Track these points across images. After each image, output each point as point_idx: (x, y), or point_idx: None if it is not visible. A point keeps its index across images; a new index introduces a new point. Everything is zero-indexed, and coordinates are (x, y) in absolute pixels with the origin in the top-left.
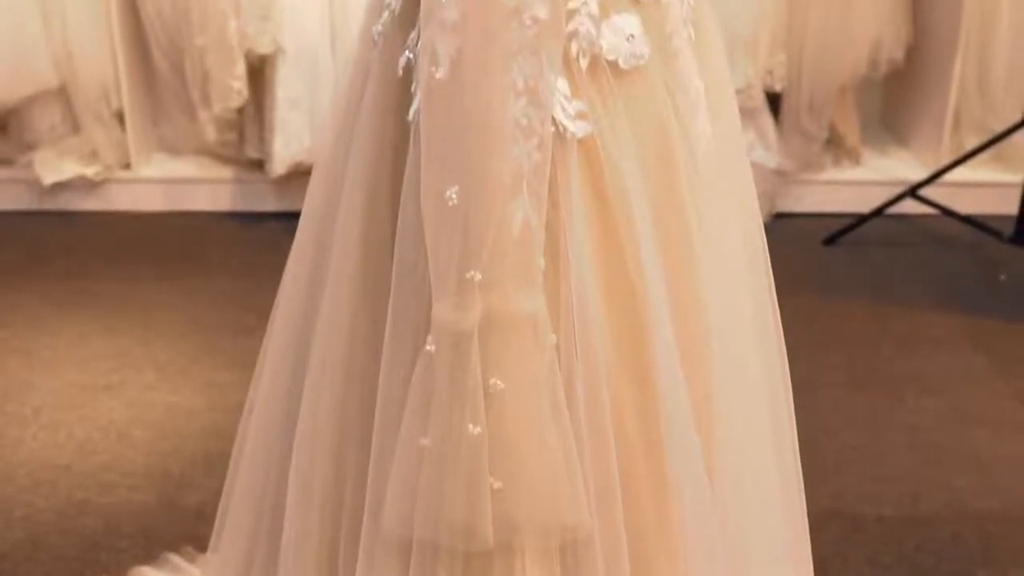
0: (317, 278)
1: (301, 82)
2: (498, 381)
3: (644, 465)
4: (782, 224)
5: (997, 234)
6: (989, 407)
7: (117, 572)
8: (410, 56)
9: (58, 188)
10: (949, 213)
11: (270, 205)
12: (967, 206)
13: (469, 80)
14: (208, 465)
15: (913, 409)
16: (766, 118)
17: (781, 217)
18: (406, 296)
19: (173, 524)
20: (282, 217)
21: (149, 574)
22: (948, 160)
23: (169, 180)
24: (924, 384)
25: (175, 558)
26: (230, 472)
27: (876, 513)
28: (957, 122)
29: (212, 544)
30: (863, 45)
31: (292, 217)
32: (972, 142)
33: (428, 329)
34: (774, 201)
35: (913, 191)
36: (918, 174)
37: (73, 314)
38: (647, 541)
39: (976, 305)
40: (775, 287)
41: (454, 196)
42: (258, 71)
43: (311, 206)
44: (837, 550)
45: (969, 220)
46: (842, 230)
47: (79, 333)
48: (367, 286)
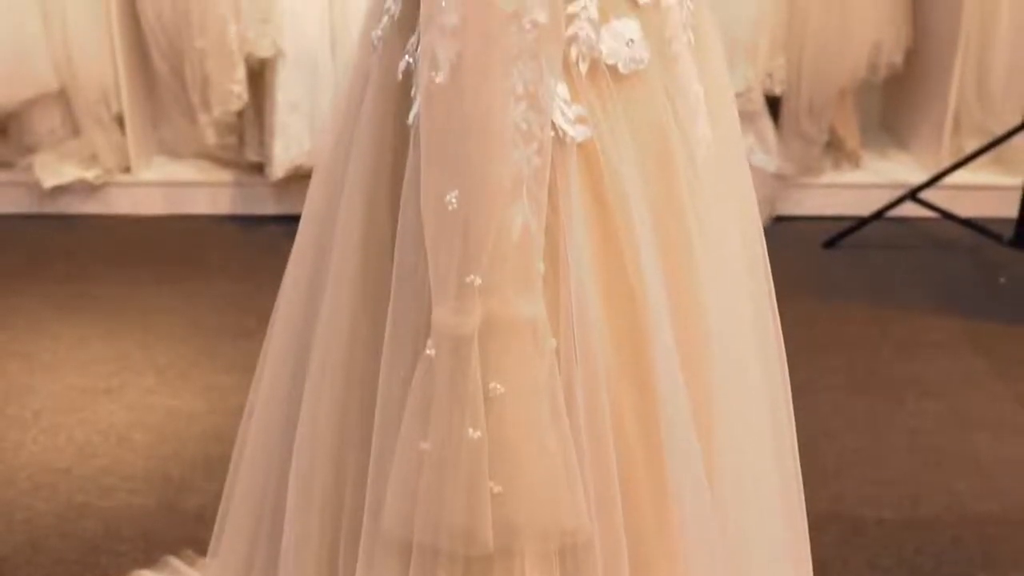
0: (317, 281)
1: (301, 86)
2: (498, 385)
3: (644, 469)
4: (782, 227)
5: (997, 237)
6: (989, 410)
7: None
8: (410, 61)
9: (58, 191)
10: (949, 216)
11: (270, 208)
12: (967, 209)
13: (469, 84)
14: (208, 468)
15: (913, 412)
16: (766, 121)
17: (781, 220)
18: (406, 299)
19: (173, 527)
20: (282, 220)
21: None
22: (948, 163)
23: (169, 183)
24: (924, 387)
25: (175, 561)
26: (230, 475)
27: (876, 516)
28: (957, 125)
29: (212, 547)
30: (863, 48)
31: (292, 220)
32: (972, 145)
33: (428, 333)
34: (774, 204)
35: (913, 194)
36: (918, 177)
37: (73, 317)
38: (647, 545)
39: (976, 308)
40: (775, 290)
41: (454, 200)
42: (258, 75)
43: (311, 209)
44: (837, 553)
45: (969, 223)
46: (842, 233)
47: (79, 336)
48: (367, 289)
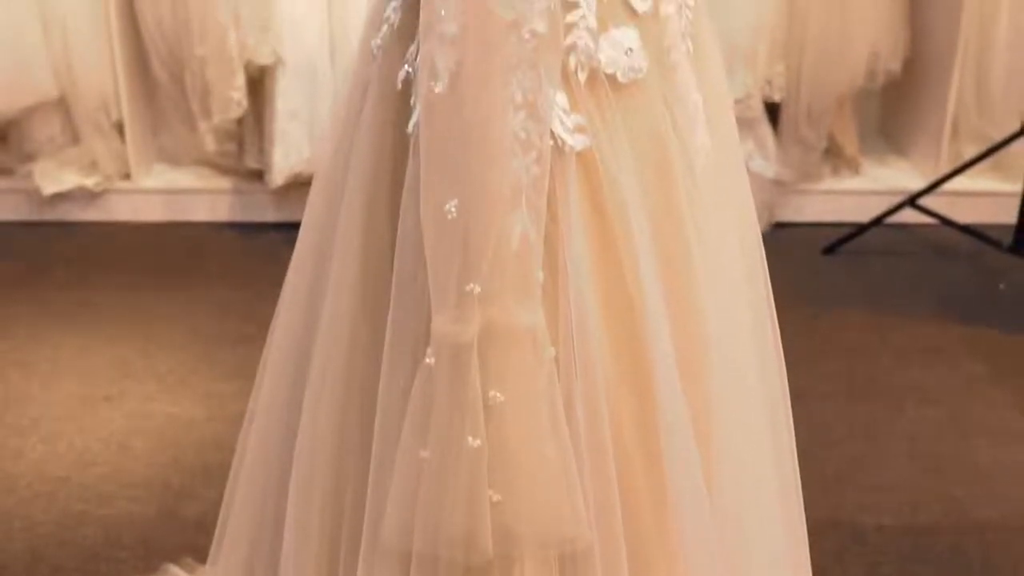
0: (317, 288)
1: (300, 93)
2: (497, 394)
3: (643, 476)
4: (781, 234)
5: (996, 243)
6: (988, 417)
7: None
8: (409, 70)
9: (58, 199)
10: (948, 222)
11: (270, 216)
12: (966, 215)
13: (468, 94)
14: (208, 476)
15: (912, 419)
16: (765, 128)
17: (780, 227)
18: (406, 307)
19: (173, 535)
20: (282, 228)
21: None
22: (947, 169)
23: (169, 191)
24: (923, 394)
25: (175, 569)
26: (230, 482)
27: (876, 522)
28: (955, 131)
29: (212, 555)
30: (861, 55)
31: (292, 228)
32: (970, 151)
33: (428, 341)
34: (773, 211)
35: (912, 200)
36: (917, 183)
37: (73, 325)
38: (646, 552)
39: (975, 314)
40: (774, 297)
41: (453, 209)
42: (258, 82)
43: (311, 217)
44: (837, 560)
45: (968, 229)
46: (841, 240)
47: (79, 344)
48: (367, 297)
